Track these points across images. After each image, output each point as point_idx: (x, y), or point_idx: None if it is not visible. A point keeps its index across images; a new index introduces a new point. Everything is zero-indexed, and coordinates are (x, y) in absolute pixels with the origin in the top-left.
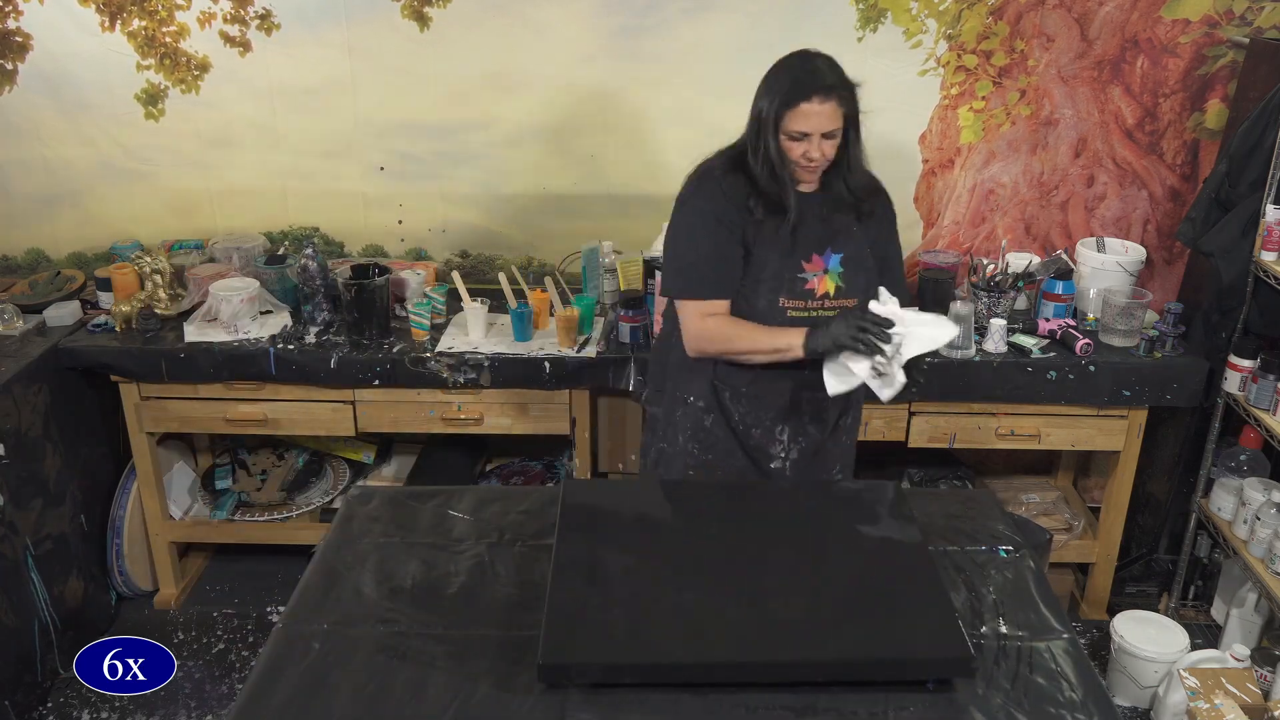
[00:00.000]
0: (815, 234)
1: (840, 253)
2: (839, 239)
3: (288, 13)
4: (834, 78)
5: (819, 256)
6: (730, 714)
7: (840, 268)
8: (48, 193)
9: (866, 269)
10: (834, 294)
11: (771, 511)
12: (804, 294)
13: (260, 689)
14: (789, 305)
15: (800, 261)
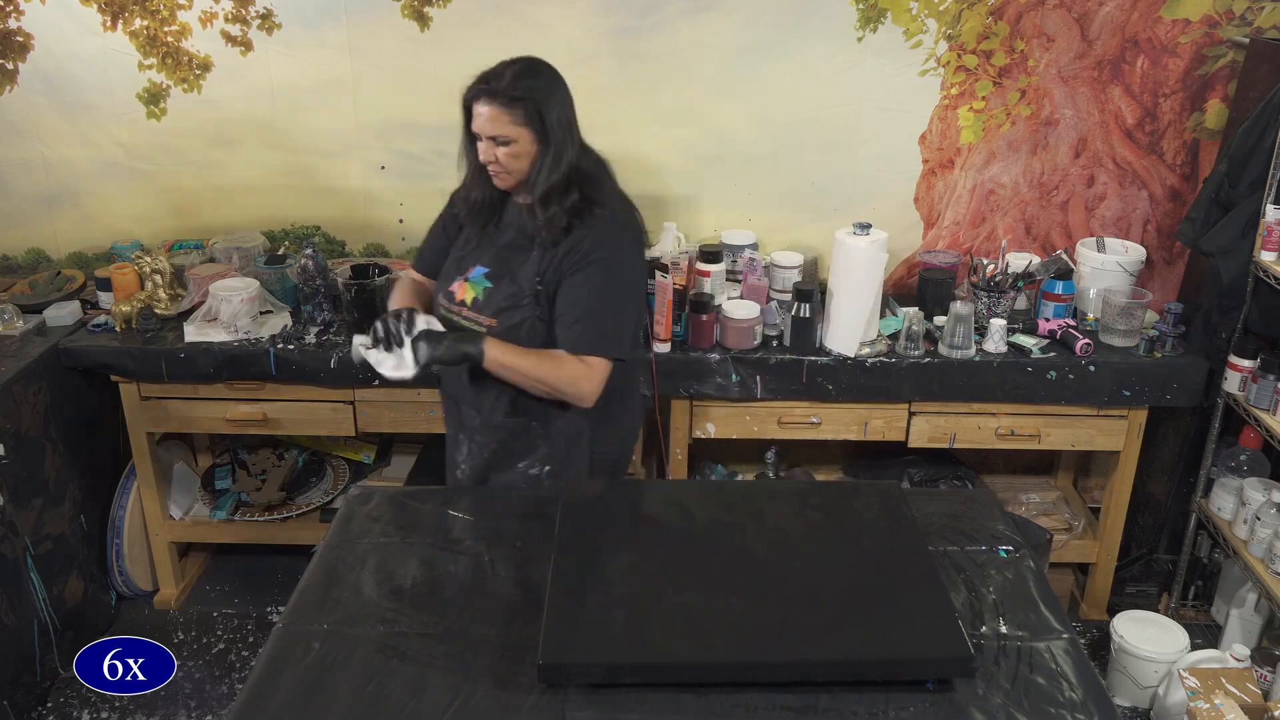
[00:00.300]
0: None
1: (488, 267)
2: (500, 254)
3: (289, 12)
4: (507, 84)
5: (474, 267)
6: (730, 714)
7: (483, 280)
8: (48, 193)
9: (512, 290)
10: (470, 304)
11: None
12: (448, 294)
13: (260, 689)
14: (442, 304)
15: (467, 267)
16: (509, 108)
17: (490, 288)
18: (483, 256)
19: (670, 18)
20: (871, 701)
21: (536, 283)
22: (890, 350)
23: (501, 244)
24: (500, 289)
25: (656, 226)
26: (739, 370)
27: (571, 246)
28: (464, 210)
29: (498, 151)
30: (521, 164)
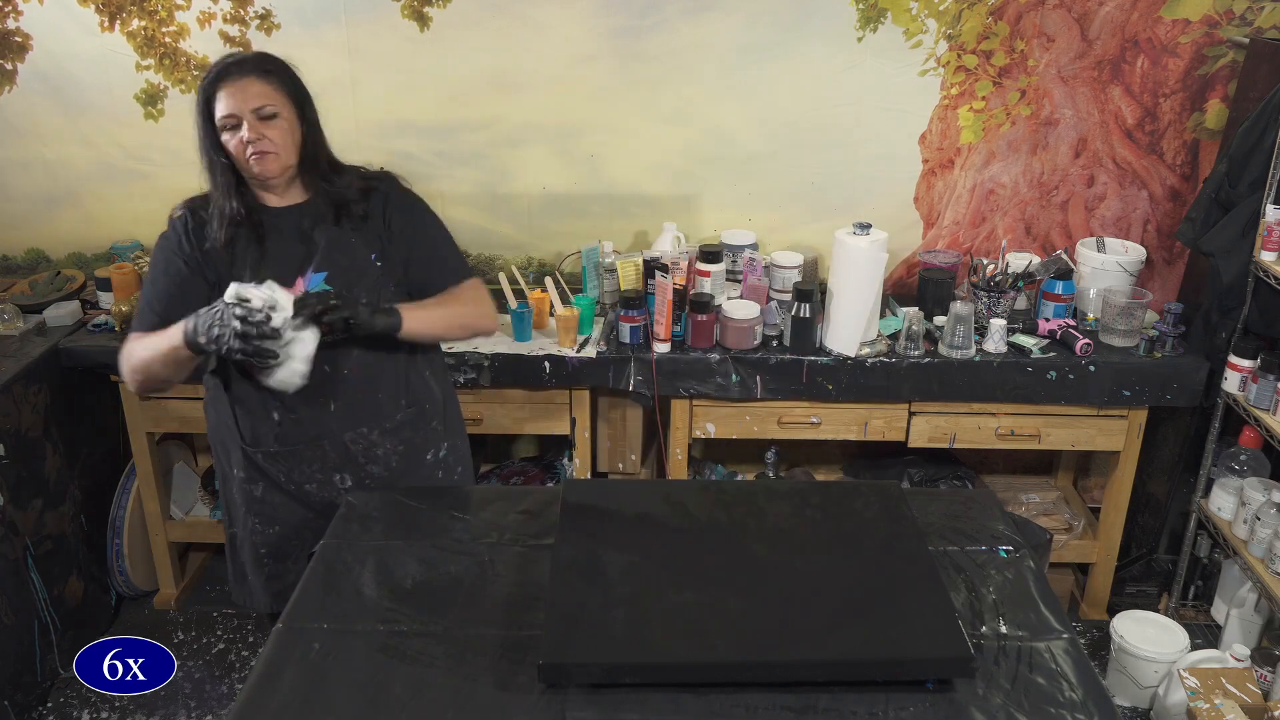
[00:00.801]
0: (290, 254)
1: (325, 270)
2: (323, 254)
3: (287, 13)
4: (257, 60)
5: (301, 279)
6: (730, 714)
7: (326, 287)
8: (48, 193)
9: (368, 278)
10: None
11: (771, 511)
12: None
13: (260, 689)
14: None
15: (292, 279)
16: (265, 78)
17: (334, 290)
18: (302, 265)
19: (670, 18)
20: (871, 701)
21: (375, 260)
22: (890, 350)
23: (311, 245)
24: (348, 286)
25: (657, 226)
26: (739, 370)
27: (384, 206)
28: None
29: (265, 129)
30: (289, 140)
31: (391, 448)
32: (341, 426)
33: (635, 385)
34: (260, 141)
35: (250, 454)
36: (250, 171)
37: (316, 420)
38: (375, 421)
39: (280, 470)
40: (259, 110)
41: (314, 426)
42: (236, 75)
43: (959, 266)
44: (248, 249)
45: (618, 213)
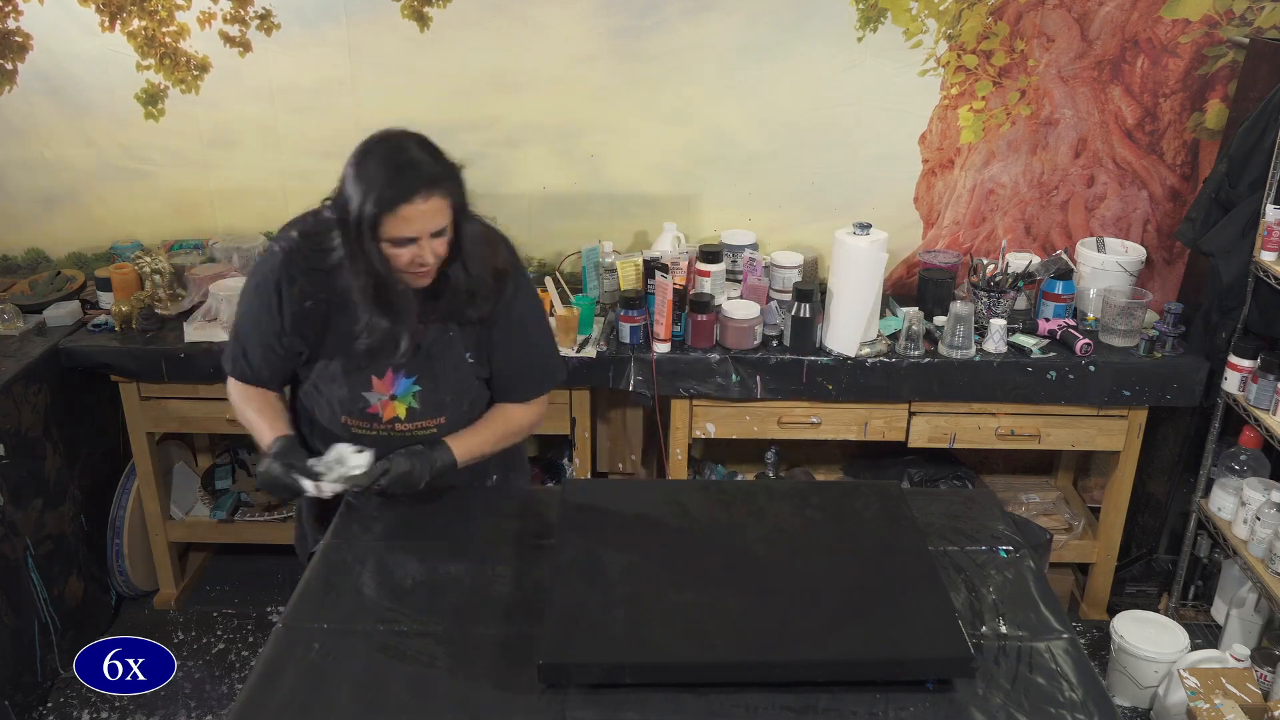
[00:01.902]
0: (390, 344)
1: (414, 376)
2: (421, 358)
3: (288, 13)
4: (434, 167)
5: (392, 374)
6: (730, 714)
7: (416, 387)
8: (48, 193)
9: (456, 382)
10: (405, 417)
11: (771, 511)
12: (367, 416)
13: (260, 689)
14: (352, 424)
15: (370, 376)
16: (443, 193)
17: (421, 391)
18: (394, 365)
19: (670, 18)
20: (871, 701)
21: (468, 358)
22: (890, 350)
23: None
24: (436, 386)
25: (657, 226)
26: (739, 370)
27: (497, 305)
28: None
29: (435, 245)
30: (446, 248)
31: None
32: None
33: (635, 385)
34: (429, 265)
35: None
36: (401, 280)
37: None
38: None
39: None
40: (437, 231)
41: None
42: (426, 194)
43: (959, 266)
44: (344, 320)
45: (618, 213)
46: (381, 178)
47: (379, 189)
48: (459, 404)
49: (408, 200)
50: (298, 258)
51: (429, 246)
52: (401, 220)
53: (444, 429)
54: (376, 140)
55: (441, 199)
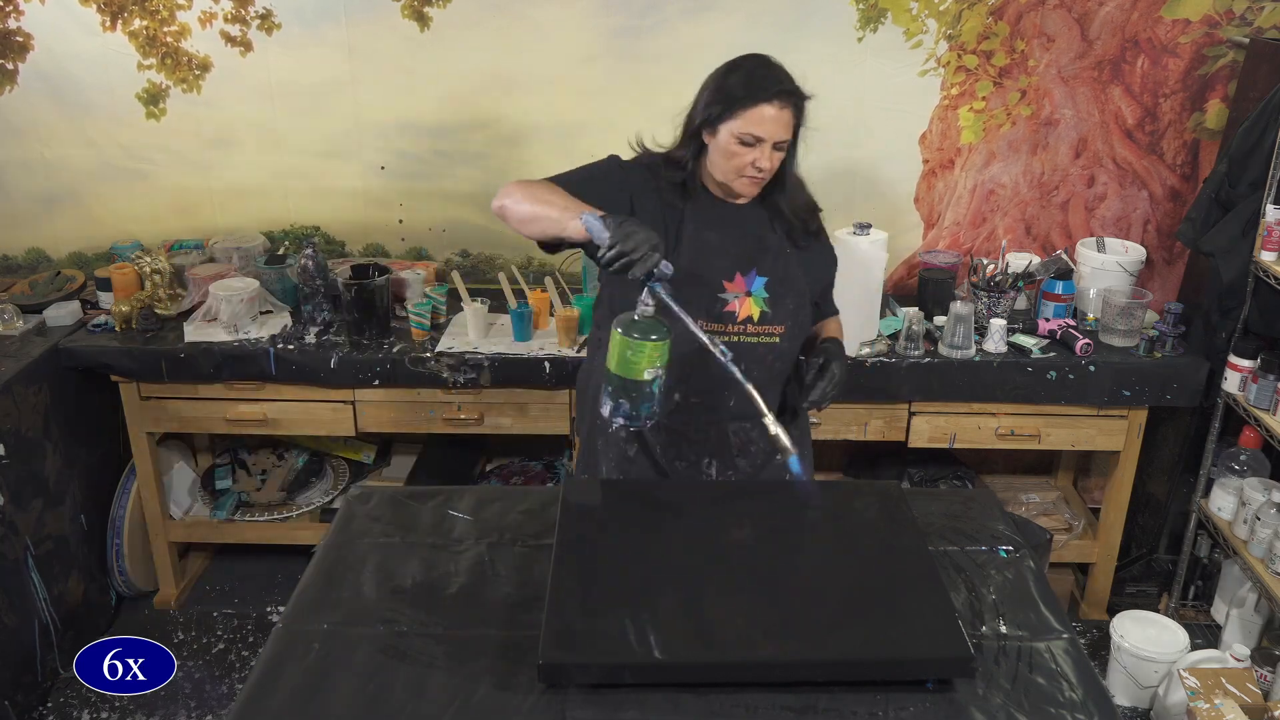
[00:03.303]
0: (738, 249)
1: (767, 275)
2: (766, 259)
3: (288, 12)
4: (793, 84)
5: (742, 277)
6: (730, 714)
7: (765, 292)
8: (48, 193)
9: (797, 293)
10: (758, 319)
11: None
12: (723, 316)
13: (260, 689)
14: (708, 328)
15: (720, 280)
16: (796, 112)
17: (769, 297)
18: (747, 265)
19: (670, 18)
20: (871, 701)
21: (804, 276)
22: (890, 350)
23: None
24: (783, 295)
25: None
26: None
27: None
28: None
29: (773, 156)
30: (776, 166)
31: (762, 446)
32: (731, 418)
33: None
34: (765, 172)
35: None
36: (727, 185)
37: (714, 408)
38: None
39: (660, 440)
40: (780, 143)
41: (710, 413)
42: (783, 103)
43: (959, 266)
44: (699, 227)
45: None
46: (746, 79)
47: (743, 86)
48: (797, 315)
49: (769, 101)
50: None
51: (769, 154)
52: (756, 119)
53: (783, 340)
54: (744, 56)
55: (792, 115)
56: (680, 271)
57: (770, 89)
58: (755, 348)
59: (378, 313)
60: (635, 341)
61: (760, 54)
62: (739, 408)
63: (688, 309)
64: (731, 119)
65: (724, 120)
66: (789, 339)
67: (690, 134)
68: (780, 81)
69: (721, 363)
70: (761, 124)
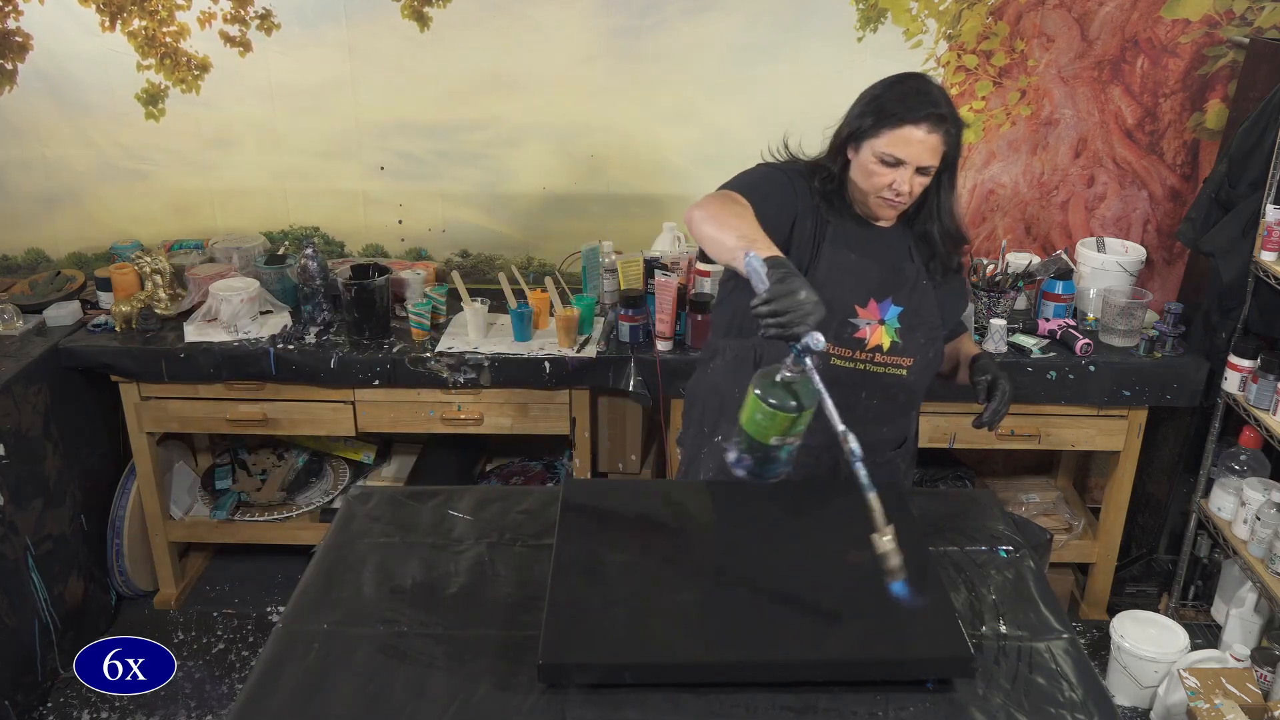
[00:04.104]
0: (878, 275)
1: (902, 306)
2: (903, 289)
3: (288, 13)
4: (949, 109)
5: (876, 304)
6: (730, 714)
7: (898, 323)
8: (48, 193)
9: (929, 327)
10: (887, 349)
11: (771, 511)
12: (851, 342)
13: (260, 689)
14: (834, 352)
15: (853, 304)
16: (945, 137)
17: (901, 328)
18: (883, 293)
19: (670, 18)
20: (871, 701)
21: (938, 310)
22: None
23: (900, 278)
24: (915, 327)
25: (656, 227)
26: None
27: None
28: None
29: (916, 181)
30: (920, 192)
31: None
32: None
33: (635, 385)
34: (903, 197)
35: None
36: (863, 204)
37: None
38: (872, 450)
39: None
40: (924, 168)
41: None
42: (931, 127)
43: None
44: (840, 245)
45: (618, 213)
46: (899, 97)
47: (893, 104)
48: (928, 348)
49: (915, 122)
50: (805, 174)
51: (910, 178)
52: (900, 139)
53: (911, 372)
54: (905, 74)
55: (940, 140)
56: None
57: (920, 110)
58: (881, 378)
59: (378, 313)
60: (769, 409)
61: (920, 74)
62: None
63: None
64: (876, 136)
65: (869, 136)
66: (916, 373)
67: (838, 147)
68: (934, 104)
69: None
70: (906, 145)
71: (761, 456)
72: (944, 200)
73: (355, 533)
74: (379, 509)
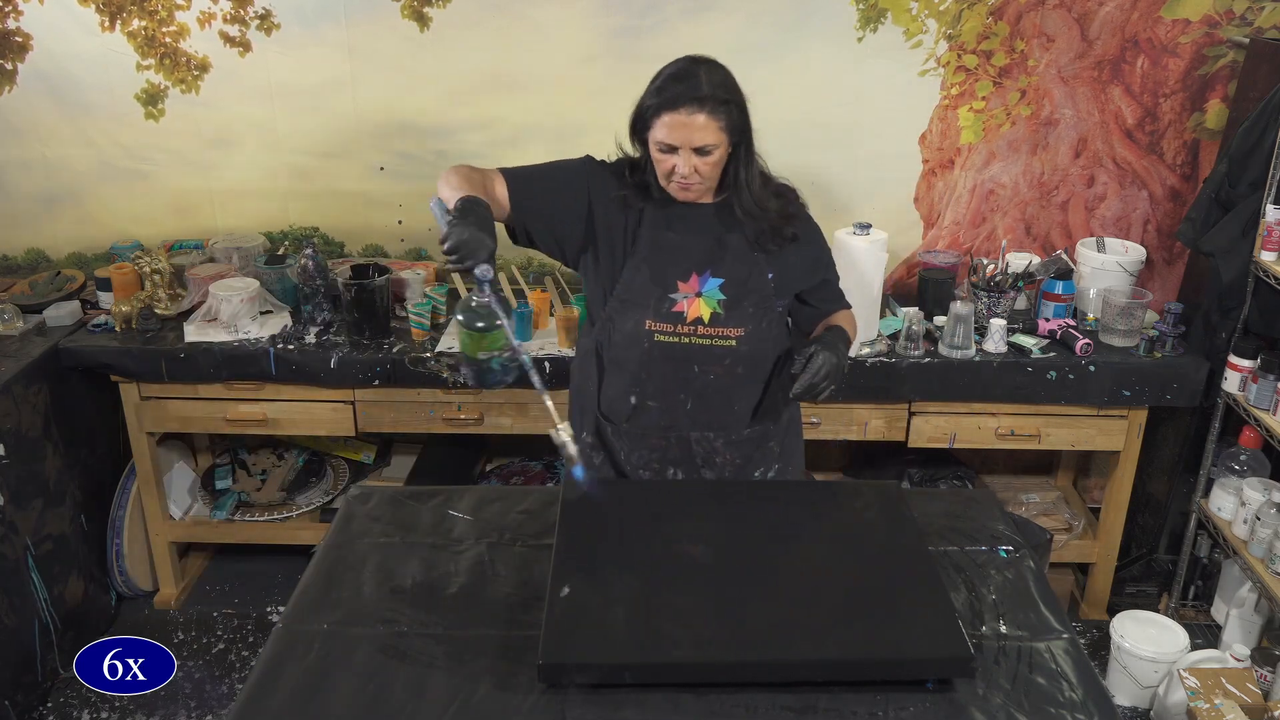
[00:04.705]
0: (693, 248)
1: (722, 278)
2: (724, 261)
3: (287, 13)
4: (711, 89)
5: (697, 277)
6: (730, 714)
7: (720, 294)
8: (48, 193)
9: (761, 296)
10: (708, 320)
11: (771, 511)
12: (671, 316)
13: (260, 689)
14: (656, 329)
15: (675, 280)
16: (714, 114)
17: (725, 299)
18: (703, 266)
19: (670, 18)
20: (871, 701)
21: (769, 277)
22: (890, 350)
23: (720, 250)
24: (739, 293)
25: None
26: None
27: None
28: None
29: (697, 162)
30: (716, 171)
31: (729, 458)
32: (691, 425)
33: None
34: (690, 177)
35: (603, 424)
36: (666, 190)
37: (670, 412)
38: (723, 429)
39: (624, 447)
40: (699, 148)
41: (666, 417)
42: (692, 109)
43: (959, 266)
44: (658, 227)
45: None
46: (660, 86)
47: (655, 93)
48: (759, 319)
49: (673, 108)
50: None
51: (689, 160)
52: (666, 127)
53: (740, 343)
54: (675, 60)
55: (708, 118)
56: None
57: (678, 96)
58: (709, 349)
59: (378, 313)
60: (463, 329)
61: (687, 57)
62: (701, 415)
63: (638, 308)
64: (650, 127)
65: (646, 130)
66: (749, 342)
67: (634, 140)
68: (692, 88)
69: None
70: (672, 131)
71: (477, 368)
72: (743, 173)
73: (355, 533)
74: (379, 509)
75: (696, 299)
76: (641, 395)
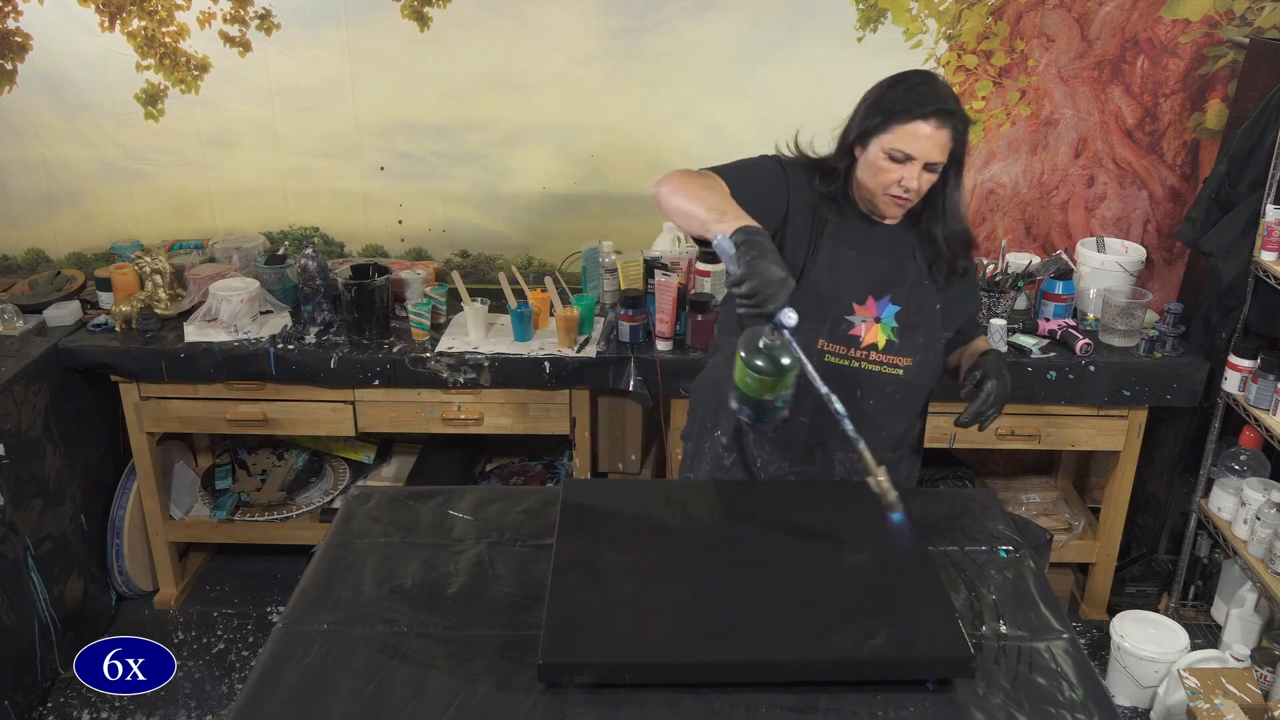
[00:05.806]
0: (874, 269)
1: (900, 305)
2: (903, 287)
3: (287, 13)
4: (956, 105)
5: (874, 301)
6: (730, 714)
7: (895, 321)
8: (48, 193)
9: (930, 328)
10: (883, 347)
11: (771, 511)
12: (846, 339)
13: (260, 689)
14: (828, 349)
15: (850, 301)
16: (954, 132)
17: (898, 327)
18: (881, 290)
19: (670, 18)
20: (871, 702)
21: (936, 307)
22: None
23: (899, 276)
24: (914, 327)
25: (656, 227)
26: None
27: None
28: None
29: (923, 177)
30: (927, 188)
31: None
32: (839, 446)
33: (635, 385)
34: (911, 193)
35: (744, 427)
36: (870, 203)
37: (820, 430)
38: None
39: (762, 454)
40: (931, 165)
41: (815, 434)
42: (939, 123)
43: None
44: (840, 242)
45: (618, 213)
46: (907, 92)
47: (901, 99)
48: (927, 349)
49: (923, 117)
50: (806, 169)
51: (918, 174)
52: (908, 134)
53: (909, 373)
54: (912, 71)
55: (948, 136)
56: (808, 292)
57: (928, 105)
58: (877, 376)
59: (378, 313)
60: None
61: (926, 70)
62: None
63: (810, 324)
64: (885, 132)
65: (878, 133)
66: (915, 373)
67: (845, 147)
68: (941, 100)
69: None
70: (914, 140)
71: (758, 408)
72: (950, 199)
73: (355, 533)
74: (379, 509)
75: (875, 324)
76: (796, 409)
